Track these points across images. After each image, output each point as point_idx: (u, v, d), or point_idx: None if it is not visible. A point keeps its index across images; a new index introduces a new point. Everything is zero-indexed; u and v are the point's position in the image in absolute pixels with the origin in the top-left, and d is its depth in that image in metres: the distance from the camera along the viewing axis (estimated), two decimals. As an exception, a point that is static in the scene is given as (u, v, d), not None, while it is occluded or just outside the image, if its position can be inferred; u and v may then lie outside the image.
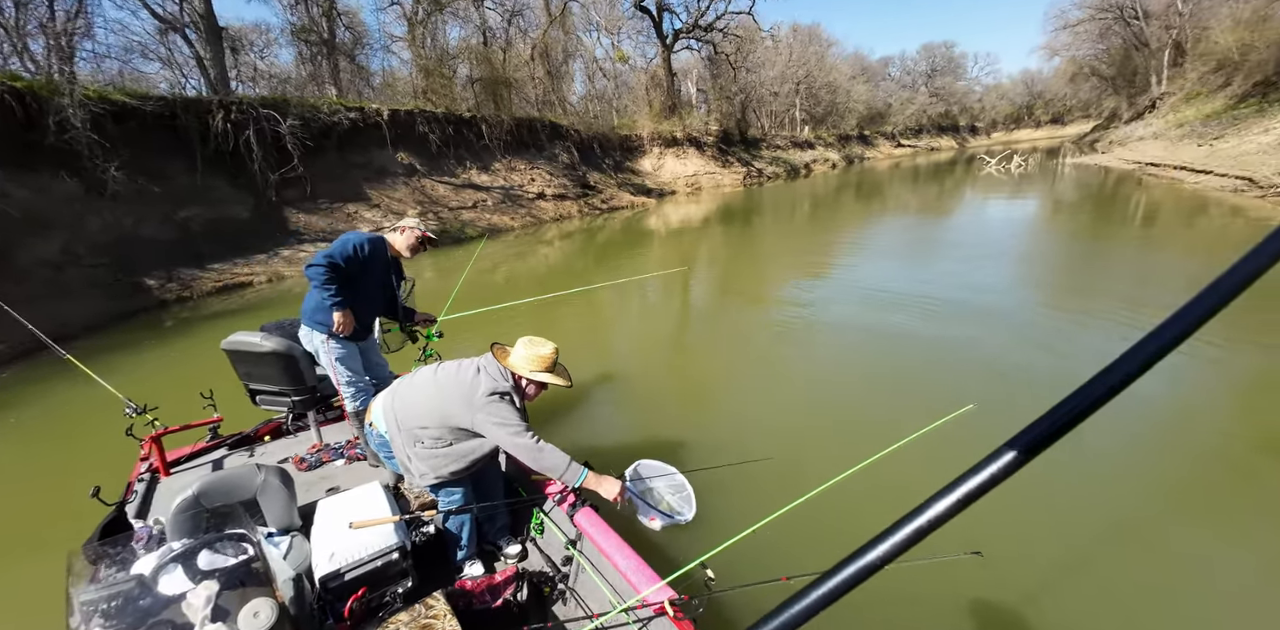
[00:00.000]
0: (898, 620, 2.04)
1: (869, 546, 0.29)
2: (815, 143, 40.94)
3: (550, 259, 11.42)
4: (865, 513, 2.48)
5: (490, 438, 1.90)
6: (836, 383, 4.24)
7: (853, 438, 3.25)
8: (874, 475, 1.90)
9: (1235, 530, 2.34)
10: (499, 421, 1.85)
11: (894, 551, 0.28)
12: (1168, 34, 30.26)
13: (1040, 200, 14.31)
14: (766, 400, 4.07)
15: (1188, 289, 5.90)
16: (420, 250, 2.77)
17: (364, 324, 2.71)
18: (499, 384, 1.92)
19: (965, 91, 66.85)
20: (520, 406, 1.96)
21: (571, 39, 28.94)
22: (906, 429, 2.03)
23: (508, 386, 1.93)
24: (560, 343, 2.04)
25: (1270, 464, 2.78)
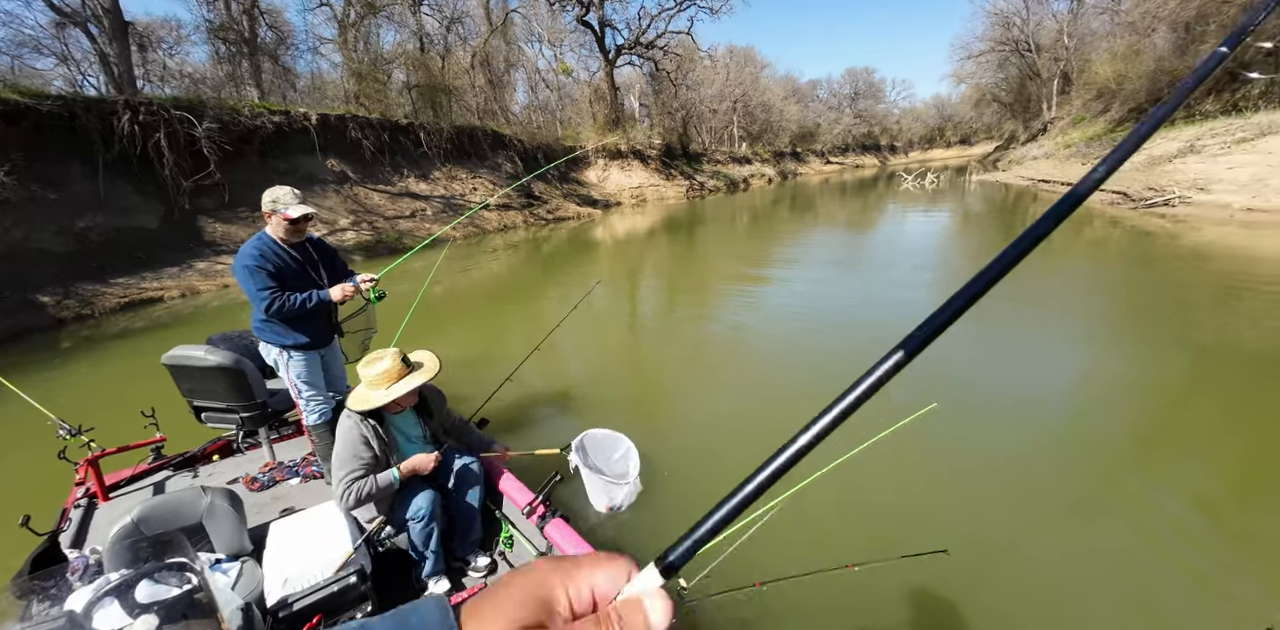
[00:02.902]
0: (870, 618, 2.08)
1: (787, 446, 0.31)
2: (753, 158, 42.80)
3: (495, 270, 11.32)
4: (833, 514, 2.56)
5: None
6: (797, 388, 4.35)
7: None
8: (843, 476, 1.89)
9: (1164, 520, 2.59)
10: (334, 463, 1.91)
11: (808, 446, 0.31)
12: (1056, 65, 34.24)
13: (952, 213, 15.78)
14: (728, 407, 4.18)
15: (1084, 290, 6.81)
16: (302, 224, 2.48)
17: (323, 325, 2.63)
18: (345, 424, 1.96)
19: (885, 114, 72.65)
20: (373, 435, 1.97)
21: (513, 49, 28.89)
22: (873, 429, 2.02)
23: (352, 424, 1.95)
24: (507, 352, 2.11)
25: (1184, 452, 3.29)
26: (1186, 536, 2.40)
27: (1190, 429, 3.41)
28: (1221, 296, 5.86)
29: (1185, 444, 3.24)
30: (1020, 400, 3.80)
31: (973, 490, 2.82)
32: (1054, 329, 5.36)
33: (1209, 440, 3.20)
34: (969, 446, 3.19)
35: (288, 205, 2.40)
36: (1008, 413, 3.64)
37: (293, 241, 2.51)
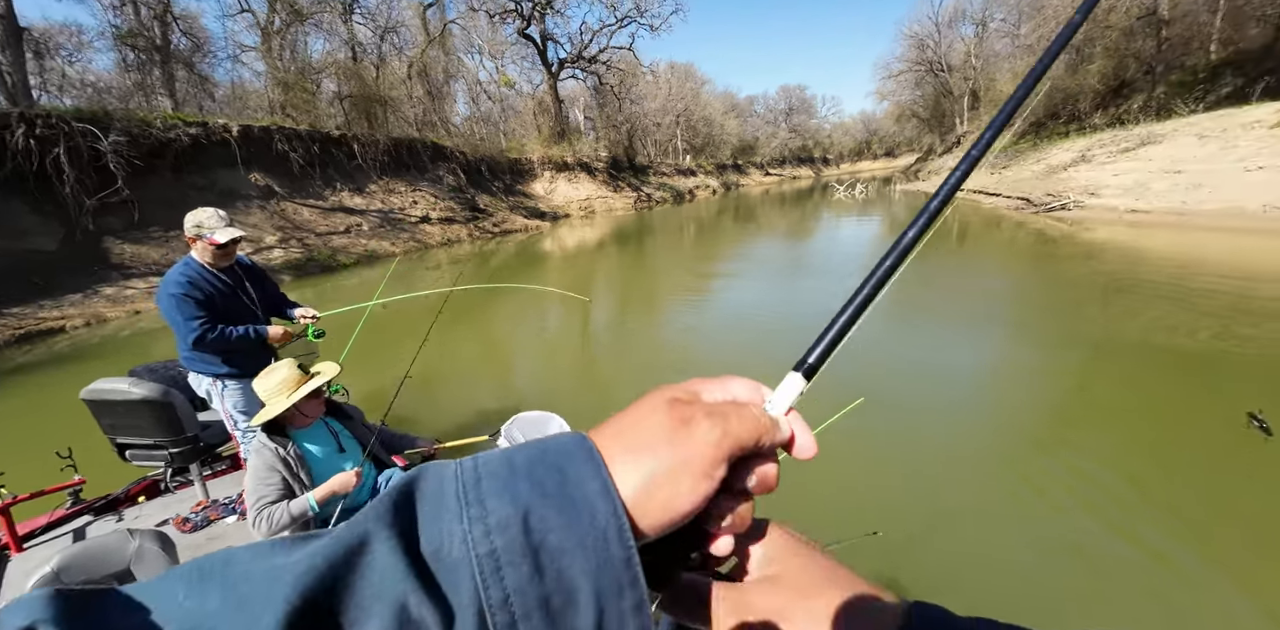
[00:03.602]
0: None
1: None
2: (697, 170, 43.99)
3: (440, 286, 11.00)
4: (770, 507, 2.70)
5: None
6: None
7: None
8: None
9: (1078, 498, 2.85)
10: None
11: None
12: (966, 83, 37.45)
13: (880, 220, 16.88)
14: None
15: (994, 287, 7.45)
16: (230, 248, 2.35)
17: (259, 351, 2.51)
18: (253, 448, 1.87)
19: (817, 128, 77.20)
20: (284, 456, 1.86)
21: (453, 60, 28.50)
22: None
23: (259, 446, 1.86)
24: (463, 364, 2.09)
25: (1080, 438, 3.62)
26: (1085, 497, 2.68)
27: (1088, 409, 3.80)
28: (1111, 290, 6.55)
29: (1084, 421, 3.60)
30: (939, 390, 4.09)
31: (899, 475, 3.01)
32: (968, 324, 5.81)
33: (1104, 418, 3.58)
34: (894, 435, 3.41)
35: (214, 229, 2.29)
36: (928, 402, 3.91)
37: (221, 266, 2.40)
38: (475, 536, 0.23)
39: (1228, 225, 9.87)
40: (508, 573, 0.23)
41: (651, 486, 0.25)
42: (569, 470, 0.25)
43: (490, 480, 0.25)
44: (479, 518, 0.24)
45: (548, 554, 0.23)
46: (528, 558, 0.23)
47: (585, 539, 0.24)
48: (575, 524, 0.24)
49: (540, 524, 0.23)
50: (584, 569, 0.23)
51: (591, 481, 0.25)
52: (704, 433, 0.27)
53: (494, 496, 0.24)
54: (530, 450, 0.26)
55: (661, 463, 0.26)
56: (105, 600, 0.22)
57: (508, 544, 0.23)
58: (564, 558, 0.23)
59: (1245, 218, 9.95)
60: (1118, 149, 13.85)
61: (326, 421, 2.11)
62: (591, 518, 0.24)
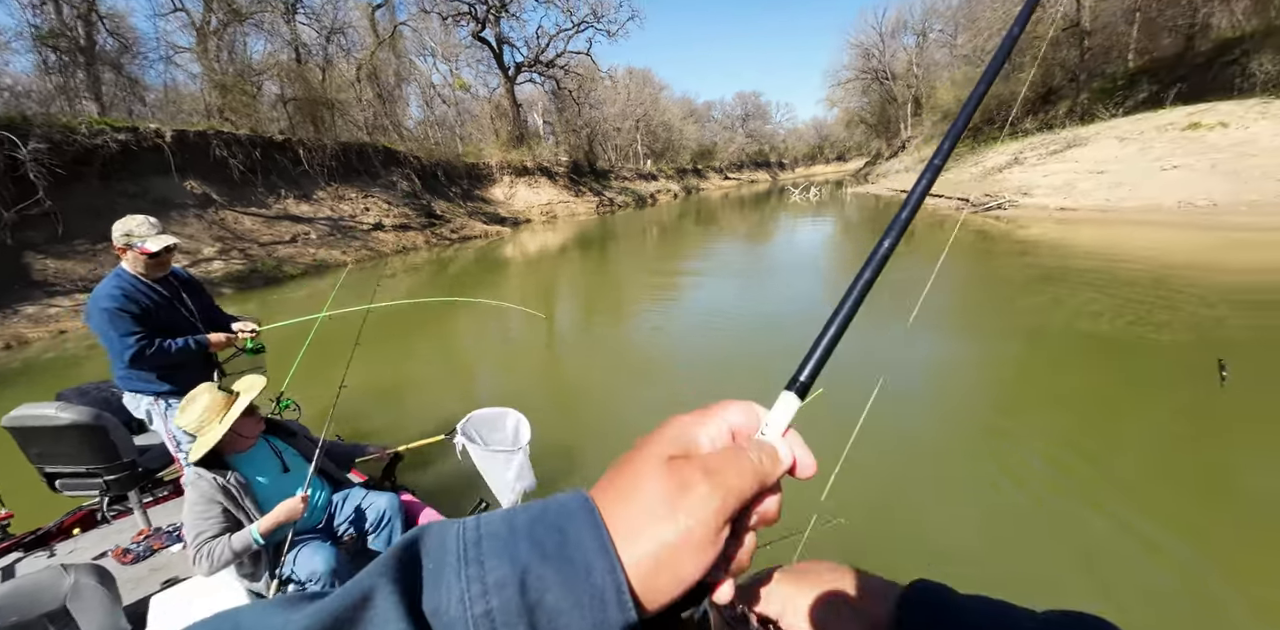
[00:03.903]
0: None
1: None
2: (658, 175, 44.35)
3: (395, 295, 10.68)
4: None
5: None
6: (697, 386, 4.53)
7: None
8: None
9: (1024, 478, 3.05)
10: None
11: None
12: (909, 91, 39.27)
13: (834, 222, 17.50)
14: (636, 413, 4.28)
15: (941, 283, 7.79)
16: (164, 257, 2.22)
17: (201, 367, 2.38)
18: (188, 480, 1.75)
19: (773, 133, 79.49)
20: (224, 487, 1.73)
21: (404, 62, 27.80)
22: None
23: (195, 477, 1.74)
24: (419, 372, 2.04)
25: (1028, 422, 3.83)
26: (1034, 474, 2.86)
27: (1029, 393, 4.05)
28: (1043, 282, 7.00)
29: (1027, 404, 3.83)
30: (895, 381, 4.24)
31: (860, 464, 3.10)
32: (919, 318, 6.09)
33: (1045, 401, 3.83)
34: (853, 425, 3.54)
35: (145, 237, 2.15)
36: (885, 393, 4.07)
37: (155, 276, 2.26)
38: (472, 595, 0.23)
39: (1147, 220, 10.70)
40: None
41: (657, 563, 0.25)
42: (569, 530, 0.25)
43: (490, 540, 0.25)
44: (477, 577, 0.23)
45: (544, 613, 0.23)
46: (524, 617, 0.23)
47: (582, 599, 0.23)
48: (573, 584, 0.23)
49: (538, 583, 0.23)
50: (579, 628, 0.23)
51: (591, 541, 0.24)
52: (704, 499, 0.26)
53: (493, 556, 0.24)
54: (532, 510, 0.26)
55: (665, 536, 0.25)
56: None
57: (504, 604, 0.23)
58: (560, 618, 0.23)
59: (1162, 213, 10.82)
60: (1047, 151, 14.83)
61: (268, 440, 1.99)
62: (589, 577, 0.24)
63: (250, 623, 0.24)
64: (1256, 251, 8.06)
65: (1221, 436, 3.15)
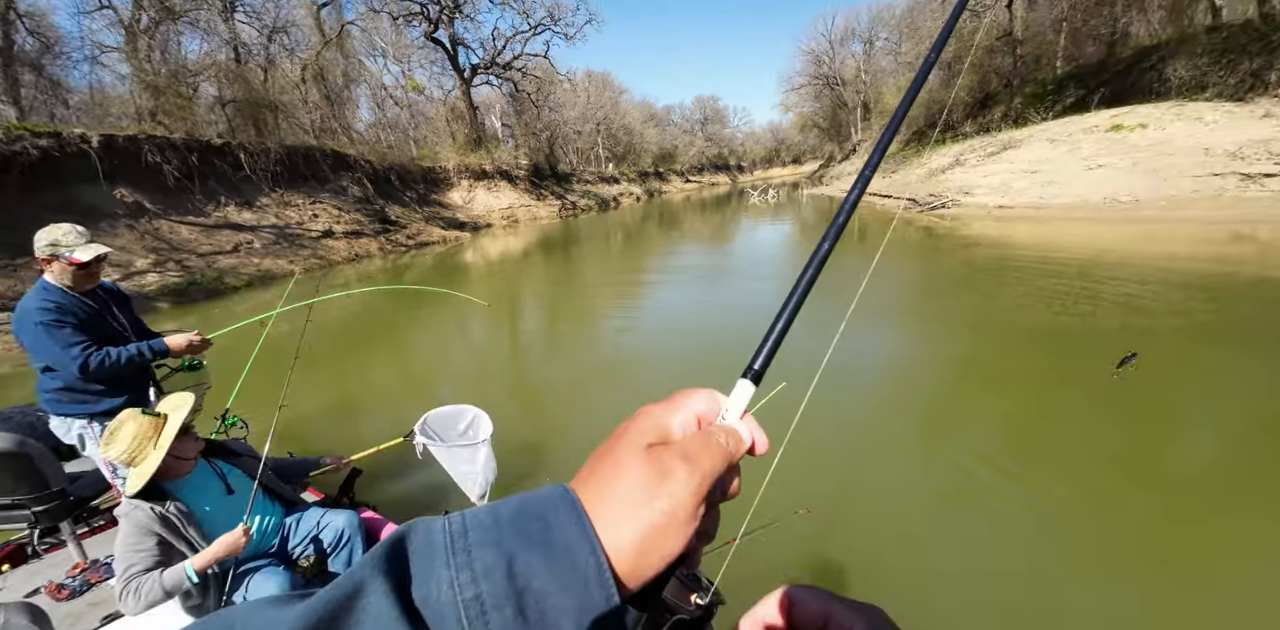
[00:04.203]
0: (759, 581, 2.20)
1: None
2: (620, 178, 44.37)
3: (348, 303, 10.26)
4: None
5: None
6: (661, 382, 4.52)
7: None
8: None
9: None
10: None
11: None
12: (858, 96, 40.64)
13: (792, 223, 17.87)
14: (601, 409, 4.26)
15: (891, 277, 8.02)
16: (94, 267, 2.08)
17: (140, 385, 2.22)
18: (121, 512, 1.60)
19: (731, 137, 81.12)
20: (160, 517, 1.58)
21: (352, 63, 26.96)
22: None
23: (129, 509, 1.58)
24: (374, 378, 1.93)
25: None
26: (978, 458, 2.94)
27: (974, 380, 4.18)
28: (983, 275, 7.28)
29: (972, 392, 3.96)
30: (854, 374, 4.34)
31: (822, 455, 3.16)
32: (871, 312, 6.23)
33: (991, 387, 3.97)
34: (815, 419, 3.57)
35: (73, 247, 1.97)
36: (845, 385, 4.14)
37: (84, 288, 2.09)
38: (462, 582, 0.24)
39: (1076, 215, 11.33)
40: (492, 616, 0.24)
41: (644, 544, 0.27)
42: (551, 519, 0.27)
43: (476, 530, 0.26)
44: (465, 565, 0.25)
45: (532, 596, 0.24)
46: (511, 600, 0.24)
47: (567, 581, 0.25)
48: (557, 568, 0.25)
49: (524, 569, 0.25)
50: (566, 609, 0.24)
51: (573, 528, 0.26)
52: (684, 482, 0.28)
53: (479, 546, 0.25)
54: (513, 503, 0.28)
55: (652, 518, 0.27)
56: None
57: (493, 588, 0.24)
58: (547, 600, 0.24)
59: (1090, 208, 11.47)
60: (985, 153, 15.54)
61: (210, 462, 1.85)
62: (572, 561, 0.25)
63: (245, 621, 0.25)
64: (1173, 244, 8.63)
65: (1136, 417, 3.33)
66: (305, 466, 2.21)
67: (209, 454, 1.87)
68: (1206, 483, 2.74)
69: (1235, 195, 10.24)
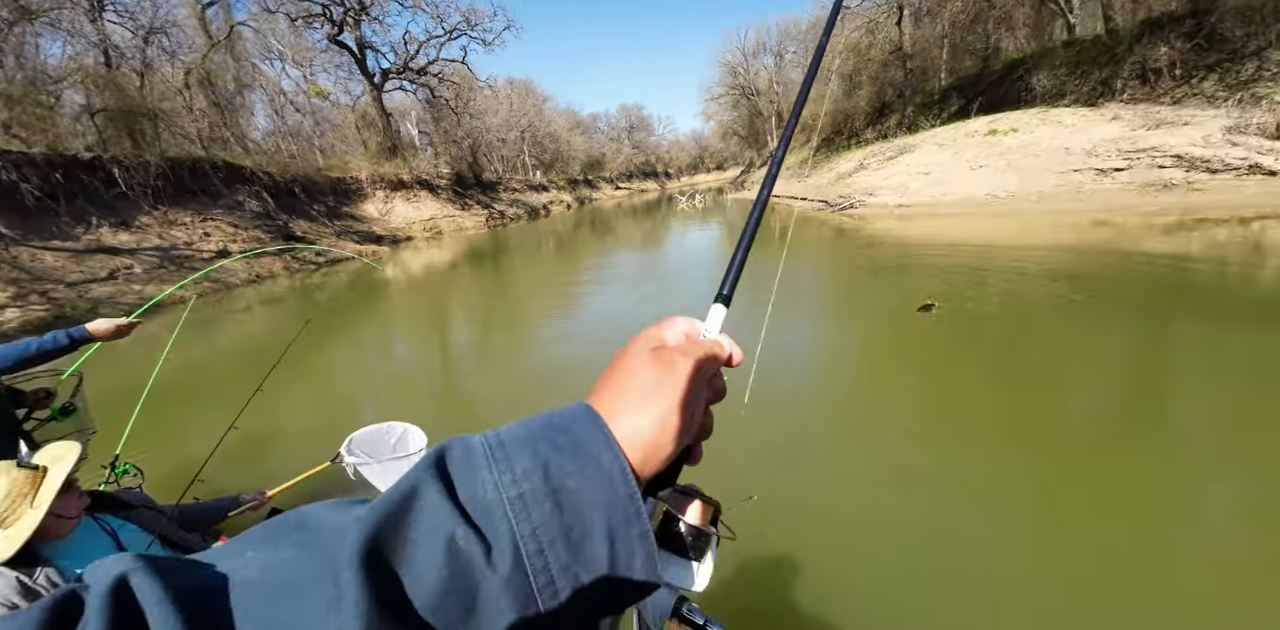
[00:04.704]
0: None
1: None
2: (549, 186, 43.91)
3: (250, 331, 9.43)
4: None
5: None
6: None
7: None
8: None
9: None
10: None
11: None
12: (771, 106, 42.72)
13: (719, 226, 18.41)
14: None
15: (805, 273, 8.44)
16: None
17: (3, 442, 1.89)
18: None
19: (657, 144, 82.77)
20: (34, 587, 1.29)
21: (245, 67, 25.01)
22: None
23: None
24: (297, 412, 1.72)
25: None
26: (903, 434, 3.15)
27: (887, 365, 4.48)
28: (886, 269, 7.83)
29: (889, 377, 4.21)
30: (784, 366, 4.50)
31: (759, 450, 3.24)
32: (790, 306, 6.53)
33: (904, 370, 4.27)
34: (756, 408, 3.71)
35: None
36: (780, 375, 4.29)
37: None
38: (504, 483, 0.28)
39: (963, 211, 12.47)
40: (534, 510, 0.28)
41: (661, 423, 0.32)
42: (576, 430, 0.31)
43: (512, 442, 0.31)
44: (506, 469, 0.29)
45: (566, 494, 0.29)
46: (550, 497, 0.28)
47: (596, 481, 0.29)
48: (587, 470, 0.29)
49: (558, 471, 0.29)
50: (596, 504, 0.29)
51: (597, 437, 0.31)
52: (686, 371, 0.34)
53: (517, 454, 0.30)
54: (541, 420, 0.33)
55: (666, 404, 0.33)
56: (178, 561, 0.27)
57: (533, 488, 0.28)
58: (579, 496, 0.29)
59: (975, 204, 12.66)
60: (884, 158, 16.79)
61: (97, 519, 1.58)
62: (598, 464, 0.30)
63: (317, 518, 0.30)
64: (1044, 232, 9.71)
65: (1023, 380, 3.78)
66: (220, 509, 1.99)
67: (96, 509, 1.62)
68: (1089, 432, 3.18)
69: (1092, 188, 11.68)
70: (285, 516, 0.31)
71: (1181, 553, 2.19)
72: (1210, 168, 10.72)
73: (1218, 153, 10.77)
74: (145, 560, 0.26)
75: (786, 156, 4.53)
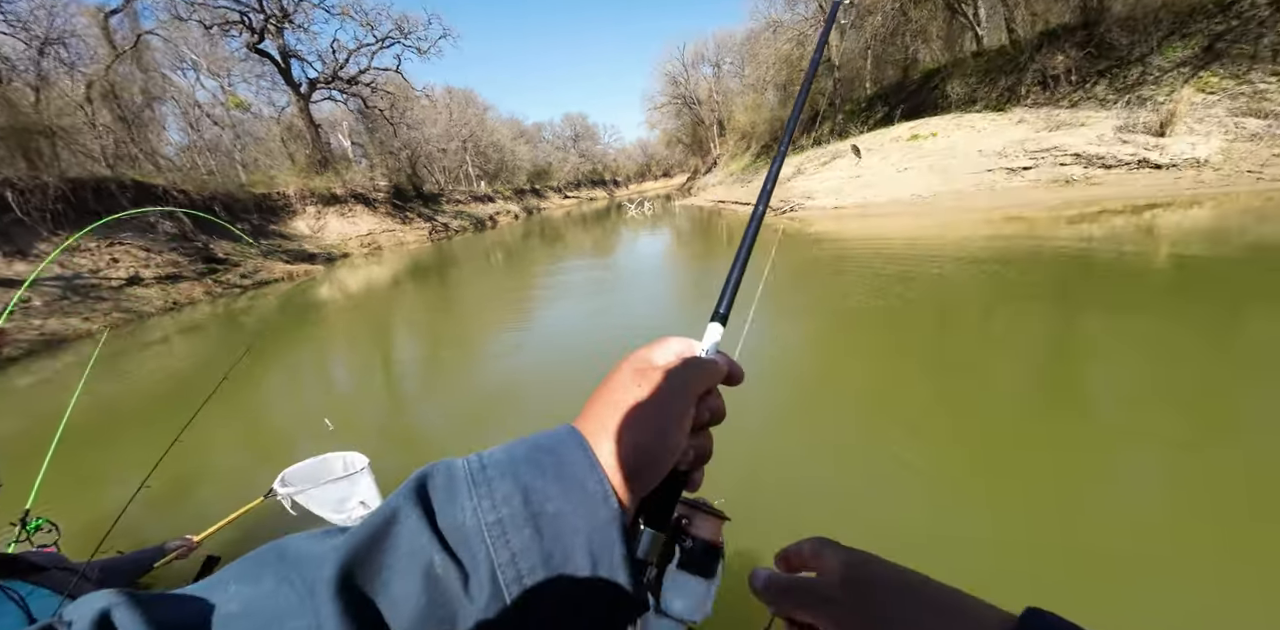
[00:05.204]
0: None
1: None
2: (495, 196, 43.14)
3: (170, 365, 8.67)
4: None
5: None
6: (562, 401, 4.37)
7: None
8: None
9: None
10: None
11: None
12: (713, 114, 43.77)
13: (669, 233, 18.65)
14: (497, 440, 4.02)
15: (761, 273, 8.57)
16: None
17: None
18: None
19: (603, 153, 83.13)
20: None
21: (154, 78, 23.32)
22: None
23: None
24: (226, 452, 1.51)
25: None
26: (843, 416, 3.23)
27: (825, 358, 4.65)
28: (824, 266, 8.13)
29: (827, 367, 4.33)
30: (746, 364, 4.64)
31: (728, 447, 3.26)
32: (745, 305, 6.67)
33: (852, 359, 4.44)
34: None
35: None
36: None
37: None
38: (483, 509, 0.28)
39: (893, 211, 13.18)
40: (513, 536, 0.28)
41: (645, 446, 0.31)
42: (561, 453, 0.31)
43: (494, 467, 0.30)
44: (486, 494, 0.29)
45: (546, 519, 0.28)
46: (529, 522, 0.28)
47: (578, 505, 0.29)
48: (569, 493, 0.29)
49: (539, 496, 0.29)
50: (577, 528, 0.28)
51: (581, 460, 0.30)
52: (671, 391, 0.33)
53: (498, 478, 0.29)
54: (526, 443, 0.32)
55: (650, 426, 0.32)
56: (162, 597, 0.27)
57: (512, 513, 0.28)
58: (560, 521, 0.28)
59: (902, 204, 13.38)
60: (820, 163, 17.53)
61: (2, 588, 1.35)
62: (581, 488, 0.29)
63: (296, 548, 0.29)
64: (963, 228, 10.37)
65: (958, 361, 4.05)
66: (143, 561, 1.83)
67: (1, 574, 1.41)
68: (1010, 403, 3.48)
69: (1004, 186, 12.59)
70: (266, 548, 0.30)
71: (1095, 510, 2.39)
72: (1105, 164, 11.79)
73: (1111, 150, 11.87)
74: (128, 595, 0.26)
75: (730, 163, 4.79)
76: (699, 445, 0.36)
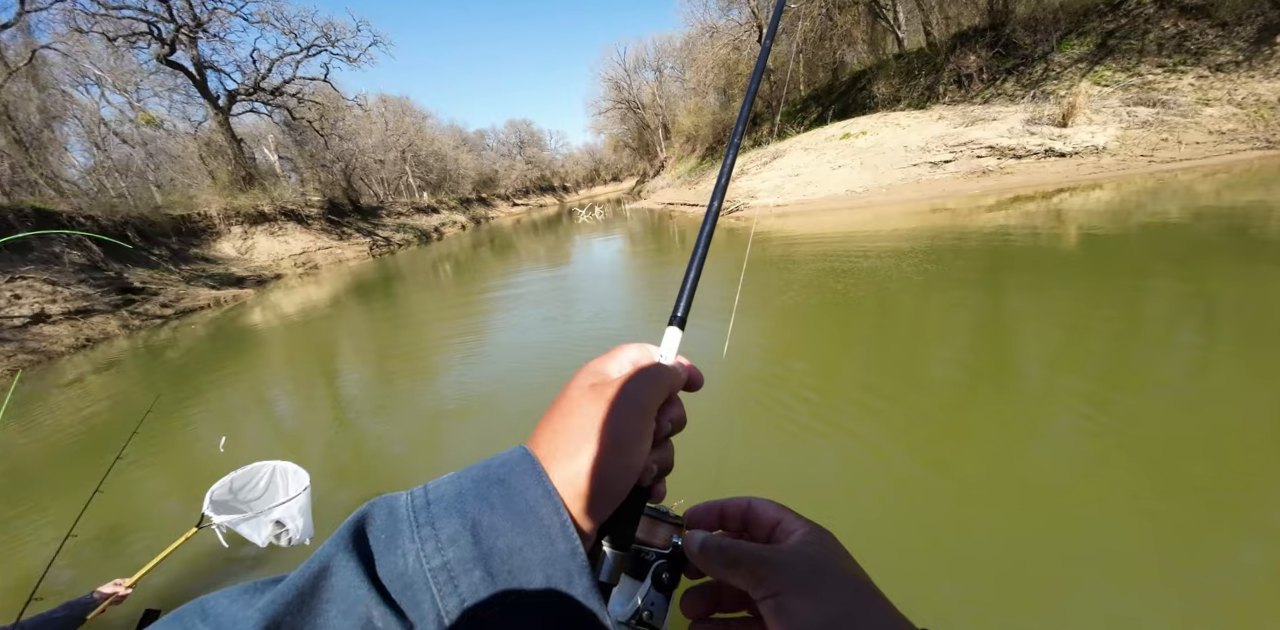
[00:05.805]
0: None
1: None
2: (439, 207, 42.00)
3: (85, 408, 7.89)
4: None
5: None
6: (521, 412, 4.33)
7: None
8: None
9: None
10: None
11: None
12: (658, 118, 44.25)
13: (622, 237, 18.65)
14: (456, 456, 3.85)
15: (724, 276, 8.74)
16: None
17: None
18: None
19: (551, 159, 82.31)
20: None
21: (53, 95, 21.44)
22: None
23: None
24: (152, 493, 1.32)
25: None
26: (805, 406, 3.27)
27: (778, 348, 4.69)
28: (771, 264, 8.34)
29: (778, 355, 4.40)
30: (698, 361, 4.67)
31: (692, 444, 3.30)
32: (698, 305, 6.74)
33: (804, 351, 4.49)
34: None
35: None
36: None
37: None
38: (427, 552, 0.25)
39: (830, 207, 13.71)
40: (461, 580, 0.25)
41: (602, 467, 0.29)
42: (513, 482, 0.28)
43: (438, 503, 0.27)
44: (430, 536, 0.26)
45: (498, 557, 0.26)
46: (480, 563, 0.25)
47: (533, 538, 0.26)
48: (523, 526, 0.26)
49: (489, 532, 0.26)
50: (533, 564, 0.26)
51: (535, 488, 0.28)
52: (627, 406, 0.31)
53: (443, 516, 0.26)
54: (475, 471, 0.29)
55: (606, 443, 0.29)
56: None
57: (459, 555, 0.25)
58: (514, 558, 0.26)
59: (839, 200, 13.93)
60: (761, 163, 18.03)
61: None
62: (536, 518, 0.27)
63: (218, 607, 0.26)
64: (893, 219, 10.93)
65: (900, 340, 4.21)
66: (73, 617, 1.70)
67: None
68: (944, 380, 3.74)
69: (929, 178, 13.33)
70: (189, 609, 0.27)
71: (1029, 459, 2.68)
72: (1016, 154, 12.70)
73: (1020, 141, 12.79)
74: None
75: (677, 165, 4.84)
76: (661, 459, 0.34)
